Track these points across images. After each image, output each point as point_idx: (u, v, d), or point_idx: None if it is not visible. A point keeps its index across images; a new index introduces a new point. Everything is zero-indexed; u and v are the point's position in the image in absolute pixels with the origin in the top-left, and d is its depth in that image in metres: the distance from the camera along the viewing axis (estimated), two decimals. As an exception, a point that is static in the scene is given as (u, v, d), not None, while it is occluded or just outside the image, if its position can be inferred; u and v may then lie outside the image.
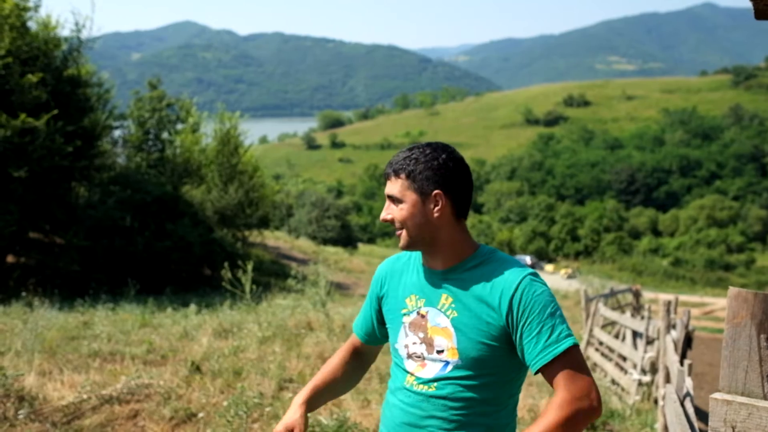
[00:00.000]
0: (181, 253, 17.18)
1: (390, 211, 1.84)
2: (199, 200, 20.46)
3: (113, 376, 5.91)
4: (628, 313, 13.86)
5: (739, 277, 53.23)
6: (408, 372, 1.86)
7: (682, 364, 4.64)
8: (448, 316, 1.80)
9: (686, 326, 5.68)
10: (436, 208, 1.79)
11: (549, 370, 1.68)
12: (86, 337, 7.82)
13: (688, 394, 3.62)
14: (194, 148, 22.30)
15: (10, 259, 15.89)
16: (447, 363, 1.79)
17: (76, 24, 16.91)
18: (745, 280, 51.22)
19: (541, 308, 1.71)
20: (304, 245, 30.61)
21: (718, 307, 19.53)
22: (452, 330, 1.78)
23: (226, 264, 9.83)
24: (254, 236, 24.63)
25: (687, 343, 5.59)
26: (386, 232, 75.02)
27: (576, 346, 1.70)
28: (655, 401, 6.85)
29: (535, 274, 1.77)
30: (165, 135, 22.20)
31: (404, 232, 1.82)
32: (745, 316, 1.26)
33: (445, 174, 1.80)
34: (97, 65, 18.69)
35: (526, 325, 1.70)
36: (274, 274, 19.97)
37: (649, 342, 8.18)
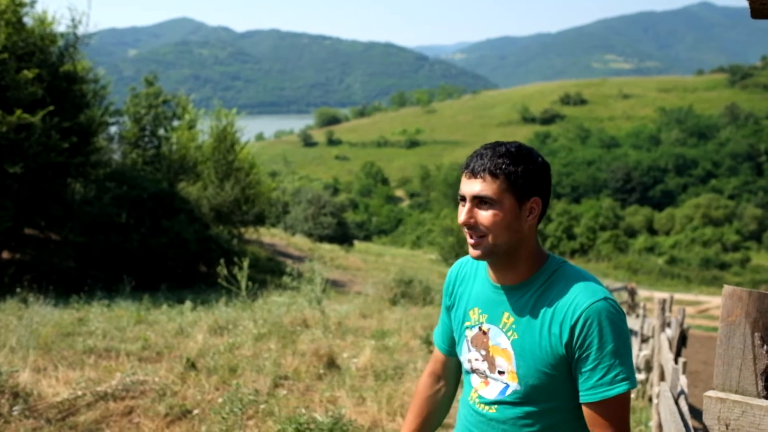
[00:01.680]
0: (177, 250, 17.16)
1: (474, 215, 1.65)
2: (195, 197, 20.43)
3: (108, 373, 5.91)
4: (623, 312, 13.87)
5: (734, 276, 53.31)
6: (472, 387, 1.79)
7: (676, 362, 4.65)
8: (509, 338, 1.69)
9: (681, 324, 5.70)
10: (531, 216, 1.66)
11: (593, 409, 1.60)
12: (81, 334, 7.80)
13: (682, 392, 3.63)
14: (190, 145, 22.26)
15: (5, 255, 15.85)
16: (507, 386, 1.70)
17: (73, 20, 16.87)
18: (740, 279, 51.29)
19: (601, 343, 1.58)
20: (300, 242, 30.60)
21: (713, 305, 19.60)
22: (512, 353, 1.68)
23: (221, 261, 9.82)
24: (250, 233, 24.61)
25: (682, 341, 5.61)
26: (383, 230, 75.04)
27: (628, 391, 1.60)
28: (650, 399, 6.86)
29: (609, 299, 1.62)
30: (161, 131, 22.14)
31: (488, 239, 1.65)
32: (739, 315, 1.27)
33: (543, 179, 1.69)
34: (94, 61, 18.63)
35: (582, 357, 1.60)
36: (269, 271, 19.95)
37: (644, 340, 8.21)
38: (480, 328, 1.76)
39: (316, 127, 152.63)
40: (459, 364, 1.97)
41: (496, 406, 1.71)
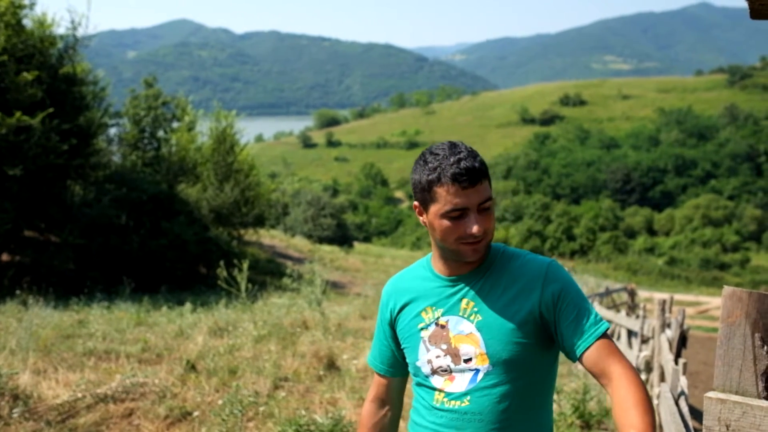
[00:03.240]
0: (177, 252, 17.16)
1: (484, 221, 1.65)
2: (194, 199, 20.43)
3: (108, 375, 5.91)
4: (623, 312, 13.89)
5: (734, 277, 53.33)
6: (436, 389, 1.74)
7: (676, 363, 4.65)
8: (472, 321, 1.69)
9: (681, 325, 5.69)
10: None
11: (592, 353, 1.60)
12: (81, 336, 7.80)
13: (682, 392, 3.63)
14: (190, 147, 22.26)
15: (4, 257, 15.84)
16: (477, 371, 1.68)
17: (72, 22, 16.87)
18: (740, 280, 51.31)
19: (574, 292, 1.66)
20: (299, 244, 30.59)
21: (712, 306, 19.58)
22: (478, 335, 1.68)
23: (221, 262, 9.83)
24: (250, 235, 24.60)
25: (682, 342, 5.60)
26: (382, 231, 75.04)
27: (609, 327, 1.65)
28: (650, 400, 6.85)
29: (556, 261, 1.72)
30: (161, 133, 22.16)
31: (486, 239, 1.68)
32: (739, 315, 1.27)
33: None
34: (93, 63, 18.63)
35: (563, 310, 1.64)
36: (269, 273, 19.95)
37: (644, 341, 8.19)
38: (437, 324, 1.74)
39: (316, 129, 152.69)
40: (402, 384, 1.96)
41: (468, 396, 1.68)
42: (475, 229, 1.62)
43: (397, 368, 1.91)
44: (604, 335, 1.63)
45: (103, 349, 7.00)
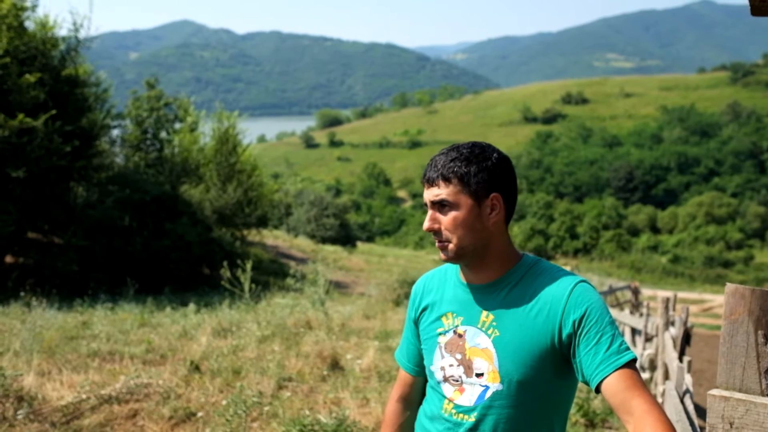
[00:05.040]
0: (180, 253, 17.17)
1: (436, 220, 1.67)
2: (197, 200, 20.43)
3: (112, 376, 5.92)
4: (626, 311, 13.87)
5: (737, 274, 53.22)
6: (445, 397, 1.72)
7: (681, 361, 4.65)
8: (489, 336, 1.65)
9: (685, 323, 5.69)
10: (493, 213, 1.65)
11: (612, 383, 1.49)
12: (85, 337, 7.81)
13: (687, 390, 3.63)
14: (192, 148, 22.27)
15: (8, 259, 15.87)
16: (487, 388, 1.64)
17: (74, 24, 16.90)
18: (743, 277, 51.20)
19: (598, 316, 1.56)
20: (302, 244, 30.61)
21: (716, 303, 19.57)
22: (493, 351, 1.64)
23: (225, 263, 9.84)
24: (253, 235, 24.62)
25: (686, 339, 5.59)
26: (385, 231, 75.04)
27: (636, 360, 1.54)
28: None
29: (586, 281, 1.64)
30: (163, 134, 22.17)
31: (453, 243, 1.65)
32: (742, 313, 1.26)
33: (501, 175, 1.67)
34: (95, 65, 18.65)
35: (583, 335, 1.55)
36: (273, 273, 19.96)
37: (648, 339, 8.18)
38: (455, 332, 1.71)
39: (318, 129, 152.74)
40: (425, 385, 1.90)
41: (475, 411, 1.65)
42: (424, 225, 1.69)
43: (422, 369, 1.88)
44: (628, 365, 1.52)
45: (107, 351, 7.01)
